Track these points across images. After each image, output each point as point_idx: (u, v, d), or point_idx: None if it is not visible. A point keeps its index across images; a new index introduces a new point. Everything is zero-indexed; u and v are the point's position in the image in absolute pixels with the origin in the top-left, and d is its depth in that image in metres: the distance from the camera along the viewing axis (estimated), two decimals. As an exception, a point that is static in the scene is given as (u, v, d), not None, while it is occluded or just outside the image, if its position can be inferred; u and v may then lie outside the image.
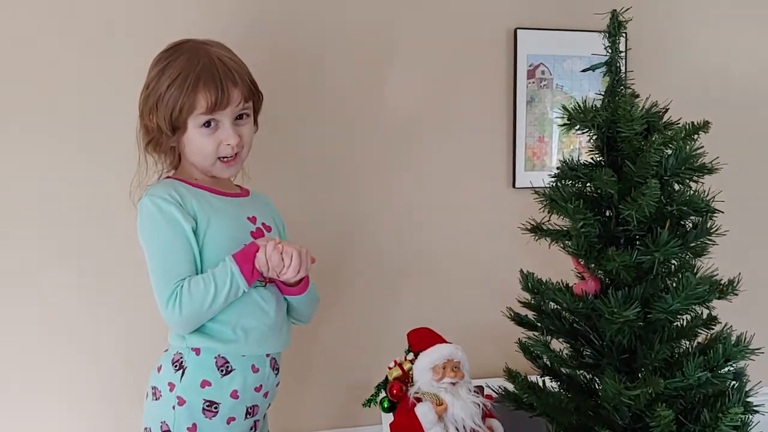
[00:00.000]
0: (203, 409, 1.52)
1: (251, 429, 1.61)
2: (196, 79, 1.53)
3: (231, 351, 1.54)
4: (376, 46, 2.08)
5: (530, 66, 2.17)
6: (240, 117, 1.60)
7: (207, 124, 1.57)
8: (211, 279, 1.50)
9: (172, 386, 1.54)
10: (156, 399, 1.56)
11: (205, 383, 1.52)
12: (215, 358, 1.54)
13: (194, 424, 1.52)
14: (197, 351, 1.54)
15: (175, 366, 1.54)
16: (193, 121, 1.56)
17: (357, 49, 2.08)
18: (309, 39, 2.03)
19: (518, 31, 2.16)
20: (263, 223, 1.65)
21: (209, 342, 1.54)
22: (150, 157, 1.64)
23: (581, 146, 2.21)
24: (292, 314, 1.69)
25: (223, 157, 1.60)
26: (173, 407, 1.52)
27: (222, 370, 1.54)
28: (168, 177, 1.64)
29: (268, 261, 1.52)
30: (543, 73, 2.18)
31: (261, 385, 1.58)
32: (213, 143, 1.58)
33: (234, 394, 1.54)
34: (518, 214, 1.77)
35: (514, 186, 2.19)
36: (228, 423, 1.54)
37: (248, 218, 1.63)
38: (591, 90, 2.19)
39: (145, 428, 1.57)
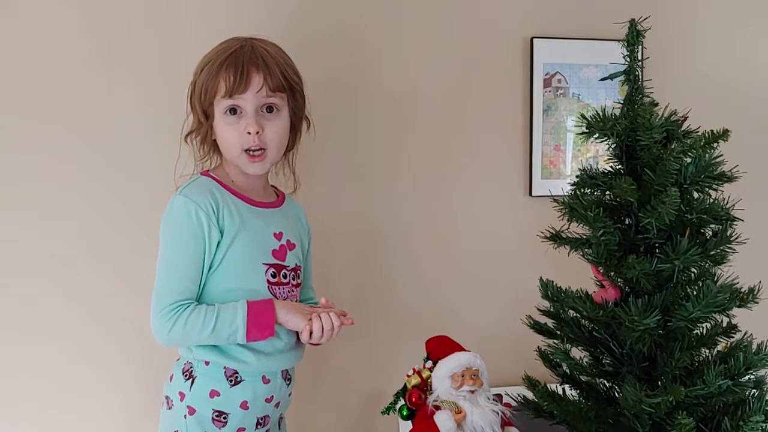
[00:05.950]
0: (212, 419, 1.52)
1: None
2: (221, 62, 1.53)
3: (240, 368, 1.54)
4: (391, 55, 2.09)
5: (546, 75, 2.18)
6: (269, 110, 1.57)
7: (232, 111, 1.55)
8: (213, 320, 1.48)
9: (182, 396, 1.54)
10: (169, 408, 1.57)
11: (214, 393, 1.52)
12: (224, 368, 1.53)
13: None
14: (206, 362, 1.53)
15: (185, 375, 1.54)
16: (218, 106, 1.55)
17: (370, 59, 2.08)
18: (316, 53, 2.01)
19: (534, 40, 2.16)
20: (288, 240, 1.63)
21: (217, 356, 1.53)
22: (184, 150, 1.66)
23: (597, 155, 2.21)
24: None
25: (248, 150, 1.56)
26: (184, 416, 1.53)
27: (231, 381, 1.53)
28: (205, 173, 1.62)
29: (300, 334, 1.55)
30: (559, 81, 2.18)
31: (272, 396, 1.58)
32: (236, 132, 1.55)
33: (244, 405, 1.53)
34: (535, 222, 1.78)
35: (530, 194, 2.19)
36: None
37: (274, 234, 1.60)
38: (608, 98, 2.19)
39: None
